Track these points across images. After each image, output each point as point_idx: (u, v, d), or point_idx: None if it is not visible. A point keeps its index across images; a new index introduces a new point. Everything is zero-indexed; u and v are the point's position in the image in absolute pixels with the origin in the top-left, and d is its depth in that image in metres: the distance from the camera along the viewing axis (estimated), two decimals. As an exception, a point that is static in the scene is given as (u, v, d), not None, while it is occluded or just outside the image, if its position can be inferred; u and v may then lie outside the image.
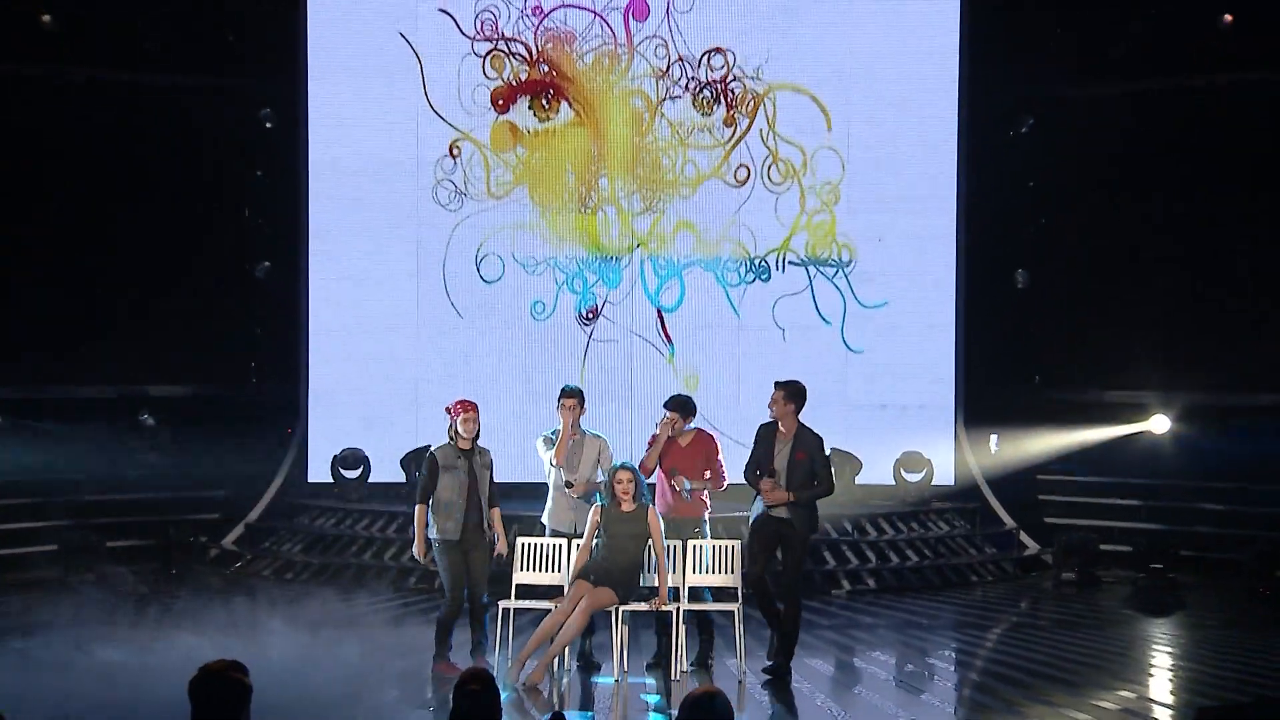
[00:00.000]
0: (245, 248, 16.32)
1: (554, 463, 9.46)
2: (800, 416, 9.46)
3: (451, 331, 15.82)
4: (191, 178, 16.09)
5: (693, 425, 9.72)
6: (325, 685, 8.34)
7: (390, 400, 15.75)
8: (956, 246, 15.87)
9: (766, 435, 9.45)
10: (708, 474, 9.61)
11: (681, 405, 9.71)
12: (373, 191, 15.76)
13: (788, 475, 9.33)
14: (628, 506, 9.22)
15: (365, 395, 15.79)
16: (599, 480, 9.53)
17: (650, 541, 9.36)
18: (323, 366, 15.85)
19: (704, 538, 9.63)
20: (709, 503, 9.77)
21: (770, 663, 9.37)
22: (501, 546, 9.19)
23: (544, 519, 9.81)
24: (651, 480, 9.69)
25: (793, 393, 9.45)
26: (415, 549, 9.24)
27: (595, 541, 9.30)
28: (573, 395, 9.66)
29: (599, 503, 9.34)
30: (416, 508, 9.21)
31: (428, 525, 9.27)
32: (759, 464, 9.41)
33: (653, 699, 8.66)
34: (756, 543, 9.50)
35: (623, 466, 9.25)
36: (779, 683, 9.23)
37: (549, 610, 9.14)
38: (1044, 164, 16.23)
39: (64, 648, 9.61)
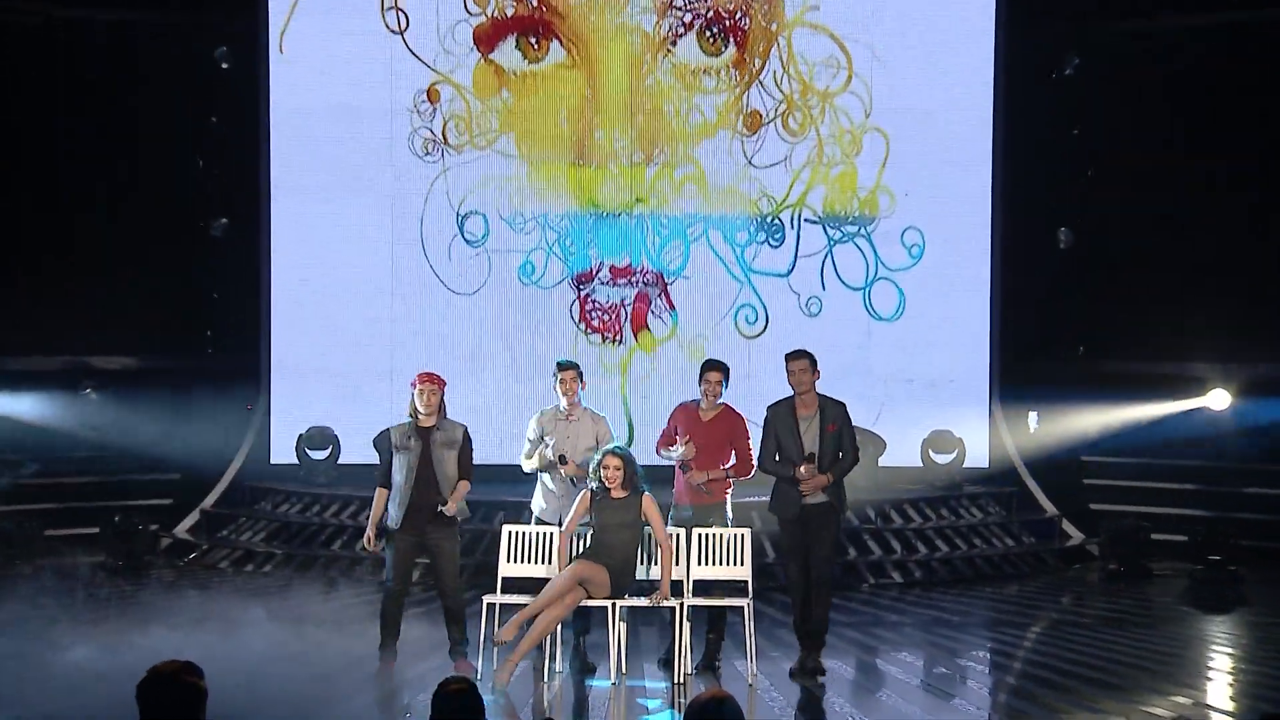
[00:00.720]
0: (200, 203, 16.30)
1: (555, 459, 9.42)
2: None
3: (430, 296, 15.87)
4: (139, 125, 16.08)
5: (721, 399, 9.69)
6: (291, 690, 8.38)
7: (362, 373, 15.80)
8: (992, 202, 15.91)
9: (785, 414, 9.46)
10: (730, 461, 9.56)
11: (718, 367, 9.71)
12: (342, 141, 15.78)
13: (821, 452, 9.43)
14: (618, 493, 9.26)
15: (334, 367, 15.84)
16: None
17: (649, 530, 9.37)
18: (287, 335, 15.90)
19: (727, 525, 9.66)
20: (731, 483, 9.80)
21: (797, 666, 9.39)
22: (451, 508, 9.16)
23: (532, 505, 9.78)
24: (671, 457, 9.62)
25: (814, 362, 9.44)
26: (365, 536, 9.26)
27: (582, 528, 9.32)
28: (570, 368, 9.61)
29: (590, 487, 9.33)
30: (377, 492, 9.22)
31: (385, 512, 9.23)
32: (780, 448, 9.39)
33: (653, 704, 8.64)
34: (791, 538, 9.51)
35: (613, 451, 9.26)
36: (796, 687, 9.28)
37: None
38: (1091, 108, 16.18)
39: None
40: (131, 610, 11.49)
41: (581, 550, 9.34)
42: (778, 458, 9.48)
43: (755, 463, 9.57)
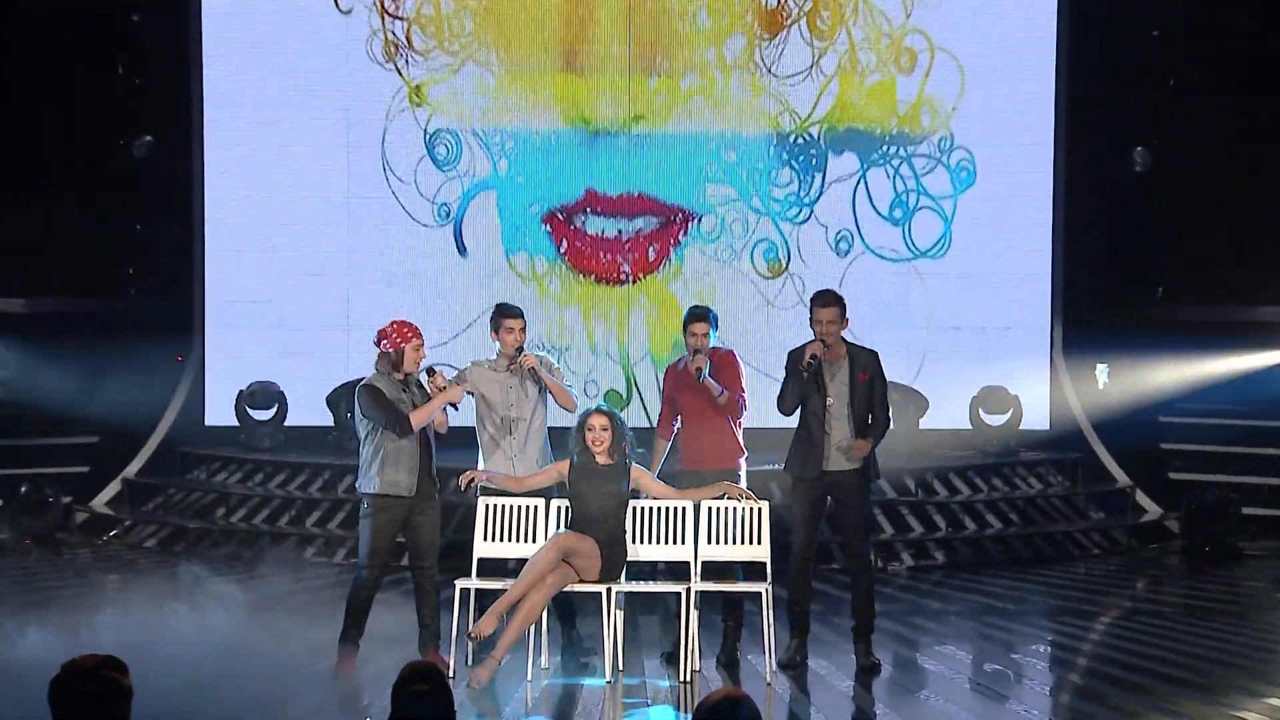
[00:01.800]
0: (120, 118, 16.24)
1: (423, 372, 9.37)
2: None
3: (393, 229, 15.88)
4: (45, 27, 15.99)
5: (712, 343, 9.79)
6: (232, 689, 8.35)
7: (313, 319, 15.88)
8: (1055, 117, 15.91)
9: (800, 357, 9.45)
10: (734, 401, 9.72)
11: (706, 317, 9.79)
12: (288, 44, 15.78)
13: (852, 404, 9.48)
14: (603, 460, 9.32)
15: (281, 313, 15.89)
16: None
17: (646, 497, 9.44)
18: (223, 275, 15.95)
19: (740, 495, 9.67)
20: (744, 446, 9.86)
21: (786, 657, 9.53)
22: (453, 394, 9.25)
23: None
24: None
25: (844, 309, 9.56)
26: (445, 397, 9.25)
27: (561, 503, 9.39)
28: (520, 316, 9.74)
29: (570, 458, 9.41)
30: (412, 417, 9.18)
31: (373, 473, 9.27)
32: (802, 398, 9.46)
33: (663, 713, 8.69)
34: (805, 502, 9.60)
35: (598, 410, 9.36)
36: (825, 686, 9.32)
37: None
38: (1172, 5, 16.04)
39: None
40: (41, 596, 11.47)
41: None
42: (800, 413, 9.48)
43: (745, 405, 9.73)
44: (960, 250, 15.89)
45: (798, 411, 9.64)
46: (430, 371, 9.38)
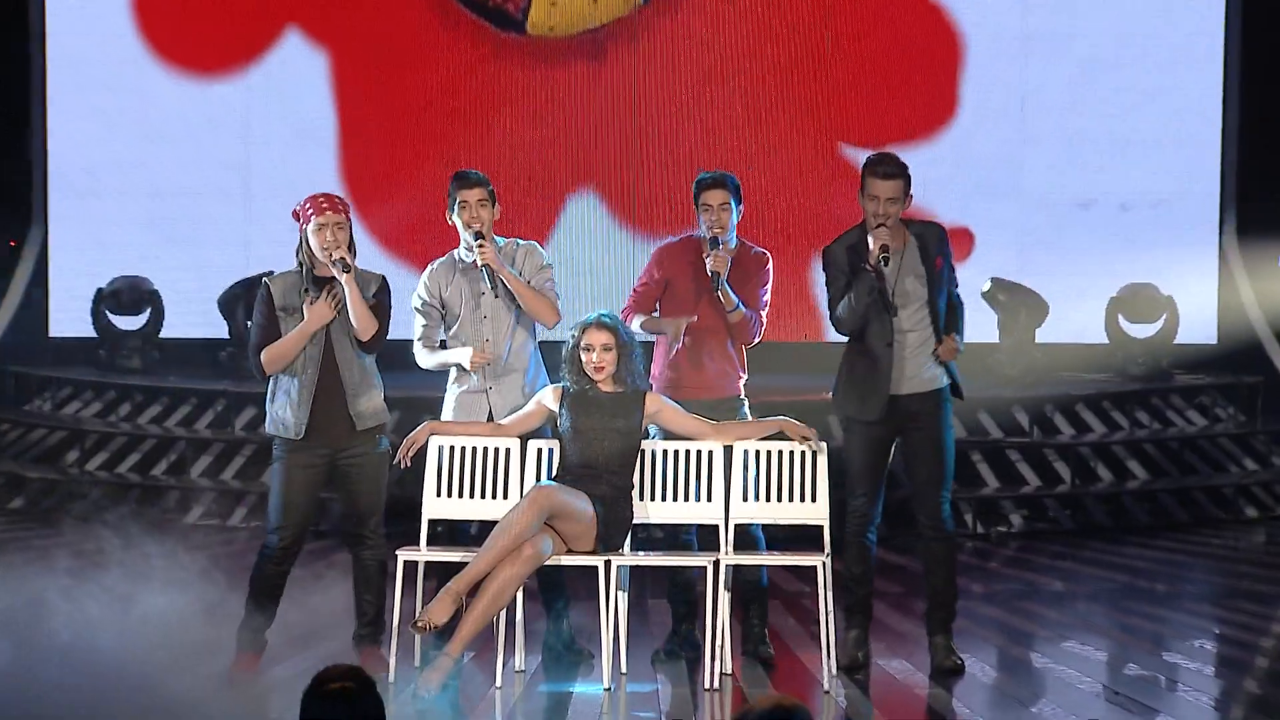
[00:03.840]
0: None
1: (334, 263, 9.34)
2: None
3: (310, 67, 15.84)
4: None
5: (734, 222, 9.91)
6: (91, 697, 8.38)
7: (199, 190, 16.02)
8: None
9: (859, 253, 9.52)
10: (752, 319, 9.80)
11: (724, 183, 9.87)
12: None
13: (931, 308, 9.59)
14: (607, 386, 9.38)
15: (154, 180, 16.00)
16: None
17: (661, 436, 9.51)
18: (72, 128, 16.10)
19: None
20: (744, 370, 10.03)
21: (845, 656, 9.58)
22: (317, 317, 9.23)
23: (443, 415, 9.95)
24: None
25: (909, 183, 9.62)
26: (311, 322, 9.25)
27: (543, 445, 9.48)
28: (477, 185, 9.71)
29: (561, 384, 9.48)
30: (266, 352, 9.26)
31: (268, 406, 9.38)
32: (870, 299, 9.47)
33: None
34: (867, 449, 9.70)
35: (598, 323, 9.41)
36: (901, 691, 9.39)
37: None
38: None
39: None
40: None
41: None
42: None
43: (763, 322, 9.86)
44: (1091, 96, 16.04)
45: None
46: (345, 267, 9.22)
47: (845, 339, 9.72)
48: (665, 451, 9.62)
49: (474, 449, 9.72)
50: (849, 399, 9.70)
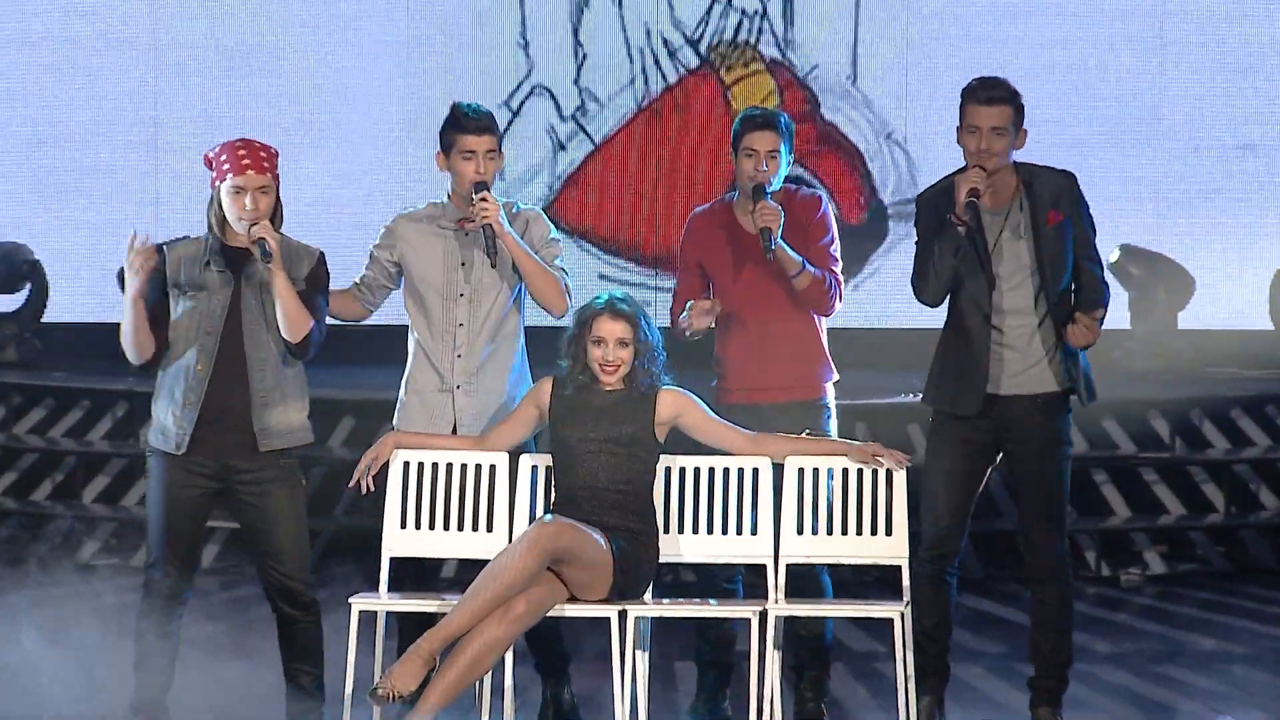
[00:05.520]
0: None
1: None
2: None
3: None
4: None
5: (783, 173, 9.15)
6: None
7: (97, 140, 15.03)
8: None
9: (948, 198, 8.73)
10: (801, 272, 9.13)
11: (774, 124, 8.94)
12: None
13: (1043, 274, 8.57)
14: (613, 385, 8.68)
15: (35, 128, 15.04)
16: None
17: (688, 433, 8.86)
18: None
19: (824, 436, 9.32)
20: (834, 369, 9.23)
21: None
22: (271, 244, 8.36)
23: (396, 421, 9.23)
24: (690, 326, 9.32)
25: (1021, 110, 8.54)
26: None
27: (537, 460, 8.93)
28: (486, 131, 8.64)
29: (555, 374, 8.92)
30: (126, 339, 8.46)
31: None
32: (956, 260, 8.59)
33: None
34: (956, 453, 8.81)
35: (612, 308, 8.59)
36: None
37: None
38: None
39: None
40: None
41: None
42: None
43: (840, 285, 9.10)
44: (1252, 20, 14.85)
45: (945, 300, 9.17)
46: (265, 253, 8.22)
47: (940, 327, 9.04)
48: (698, 470, 8.77)
49: (449, 466, 8.84)
50: (941, 389, 8.86)
